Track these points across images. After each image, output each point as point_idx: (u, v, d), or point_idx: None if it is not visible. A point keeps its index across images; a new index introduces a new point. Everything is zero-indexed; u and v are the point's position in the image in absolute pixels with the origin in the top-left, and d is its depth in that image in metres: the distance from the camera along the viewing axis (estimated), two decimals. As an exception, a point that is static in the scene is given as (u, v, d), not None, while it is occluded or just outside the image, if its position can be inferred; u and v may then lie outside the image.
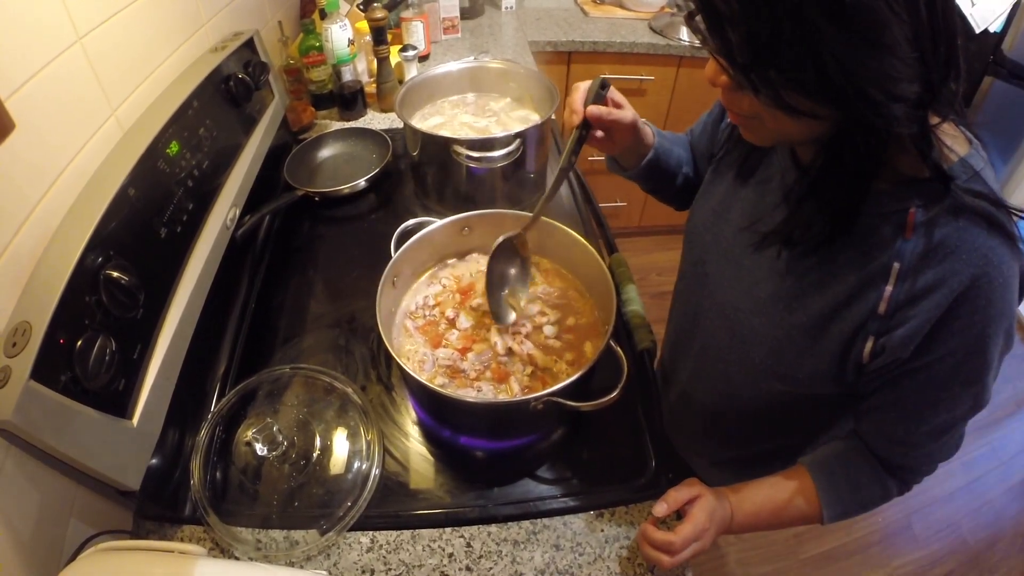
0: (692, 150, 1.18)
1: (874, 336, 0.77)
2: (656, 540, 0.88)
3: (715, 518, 0.90)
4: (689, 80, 2.78)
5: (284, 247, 1.54)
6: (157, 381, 0.93)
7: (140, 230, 0.96)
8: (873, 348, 0.78)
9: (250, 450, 1.03)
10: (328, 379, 1.13)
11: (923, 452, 0.86)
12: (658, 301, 3.23)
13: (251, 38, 1.50)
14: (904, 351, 0.75)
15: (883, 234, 0.74)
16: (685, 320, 1.13)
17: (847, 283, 0.79)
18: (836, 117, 0.66)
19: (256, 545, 0.95)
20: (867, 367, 0.80)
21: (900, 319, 0.75)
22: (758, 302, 0.91)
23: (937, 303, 0.72)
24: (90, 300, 0.82)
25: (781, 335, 0.88)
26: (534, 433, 1.11)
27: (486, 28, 2.71)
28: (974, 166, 0.71)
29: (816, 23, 0.56)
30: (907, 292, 0.73)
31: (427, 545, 0.97)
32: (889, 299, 0.75)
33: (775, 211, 0.87)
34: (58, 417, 0.75)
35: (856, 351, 0.80)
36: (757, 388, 0.98)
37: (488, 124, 1.64)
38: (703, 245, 1.04)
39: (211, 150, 1.22)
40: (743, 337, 0.95)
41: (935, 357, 0.75)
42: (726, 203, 0.98)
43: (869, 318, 0.77)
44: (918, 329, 0.73)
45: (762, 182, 0.92)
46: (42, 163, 0.89)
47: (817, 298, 0.82)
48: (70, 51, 0.96)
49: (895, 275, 0.74)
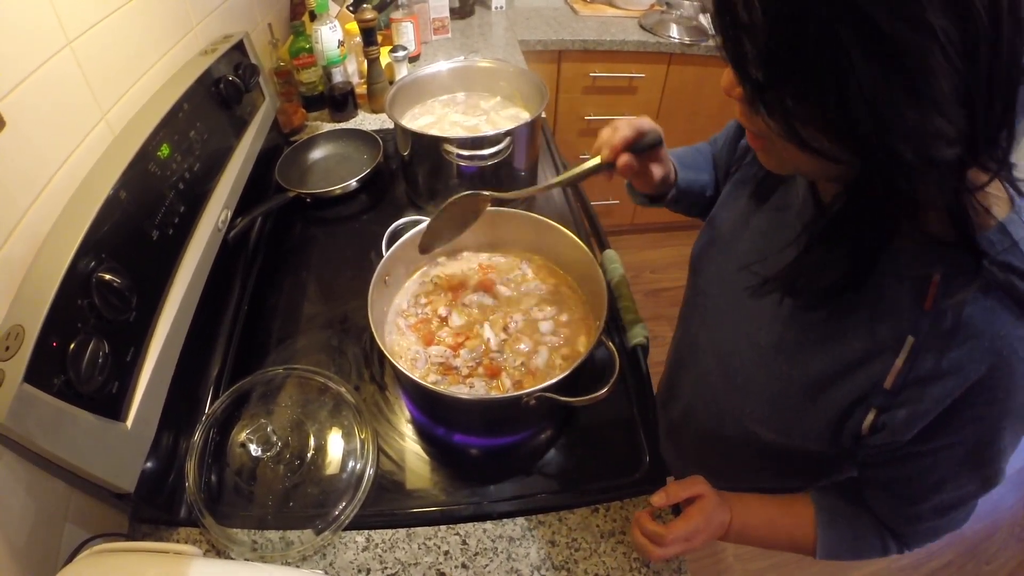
0: (715, 163, 1.10)
1: (876, 410, 0.71)
2: (647, 530, 0.87)
3: (712, 522, 0.88)
4: (680, 77, 2.80)
5: (276, 249, 1.54)
6: (151, 384, 0.93)
7: (132, 233, 0.96)
8: (874, 422, 0.72)
9: (245, 451, 1.03)
10: (322, 379, 1.13)
11: (928, 526, 0.82)
12: (651, 299, 3.25)
13: (241, 40, 1.50)
14: (905, 434, 0.70)
15: (900, 299, 0.67)
16: (683, 348, 1.09)
17: (853, 347, 0.72)
18: (857, 163, 0.56)
19: (252, 546, 0.95)
20: (865, 440, 0.75)
21: (906, 398, 0.68)
22: (756, 349, 0.85)
23: (949, 390, 0.65)
24: (82, 303, 0.82)
25: (777, 389, 0.83)
26: (528, 429, 1.12)
27: (476, 28, 2.72)
28: (1013, 234, 0.61)
29: (848, 51, 0.47)
30: (918, 371, 0.67)
31: (423, 543, 0.97)
32: (898, 375, 0.68)
33: (783, 251, 0.78)
34: (52, 420, 0.75)
35: (855, 421, 0.74)
36: (748, 435, 0.92)
37: (478, 123, 1.64)
38: (706, 275, 0.98)
39: (202, 153, 1.22)
40: (737, 384, 0.91)
41: (942, 444, 0.70)
42: (735, 230, 0.92)
43: (873, 390, 0.71)
44: (924, 414, 0.68)
45: (777, 209, 0.85)
46: (32, 168, 0.89)
47: (819, 357, 0.76)
48: (60, 55, 0.96)
49: (908, 349, 0.67)
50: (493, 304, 1.18)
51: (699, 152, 1.12)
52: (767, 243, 0.84)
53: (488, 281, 1.21)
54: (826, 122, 0.53)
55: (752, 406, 0.88)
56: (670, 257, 3.47)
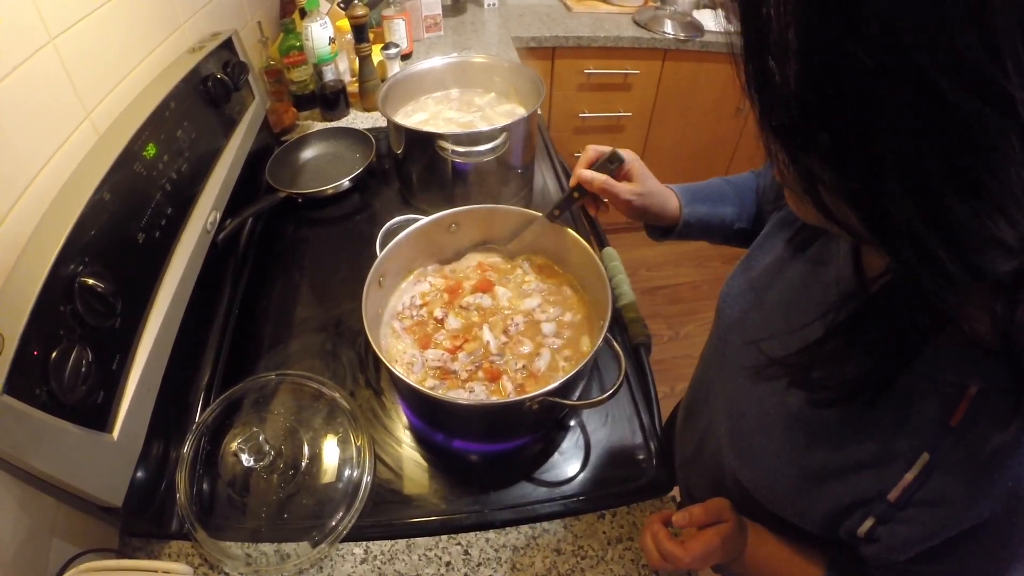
0: (759, 193, 1.02)
1: (875, 519, 0.64)
2: (664, 549, 0.83)
3: (727, 550, 0.83)
4: (674, 73, 2.78)
5: (267, 251, 1.51)
6: (138, 392, 0.89)
7: (117, 236, 0.93)
8: (870, 531, 0.65)
9: (237, 461, 0.99)
10: (316, 385, 1.10)
11: None
12: (648, 297, 3.23)
13: (229, 38, 1.47)
14: (901, 554, 0.64)
15: (925, 408, 0.59)
16: (700, 389, 1.03)
17: (865, 447, 0.64)
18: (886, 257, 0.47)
19: (246, 560, 0.92)
20: (860, 544, 0.68)
21: (908, 517, 0.62)
22: (766, 417, 0.78)
23: (956, 521, 0.58)
24: (65, 309, 0.79)
25: (778, 465, 0.76)
26: (530, 434, 1.09)
27: (469, 25, 2.69)
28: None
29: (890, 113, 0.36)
30: (927, 493, 0.59)
31: (423, 554, 0.94)
32: (904, 489, 0.61)
33: (806, 328, 0.70)
34: (34, 432, 0.71)
35: (852, 521, 0.67)
36: (747, 497, 0.85)
37: (473, 119, 1.61)
38: (730, 322, 0.90)
39: (190, 153, 1.19)
40: (739, 449, 0.85)
41: (942, 569, 0.63)
42: (767, 277, 0.83)
43: (876, 498, 0.64)
44: (923, 539, 0.61)
45: (815, 263, 0.74)
46: (13, 169, 0.86)
47: (827, 445, 0.69)
48: (42, 52, 0.93)
49: (920, 466, 0.59)
50: (492, 306, 1.15)
51: (729, 183, 1.07)
52: (792, 310, 0.76)
53: (487, 282, 1.18)
54: (853, 197, 0.42)
55: (751, 474, 0.82)
56: (666, 255, 3.45)
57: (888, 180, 0.38)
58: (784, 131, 0.44)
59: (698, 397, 1.04)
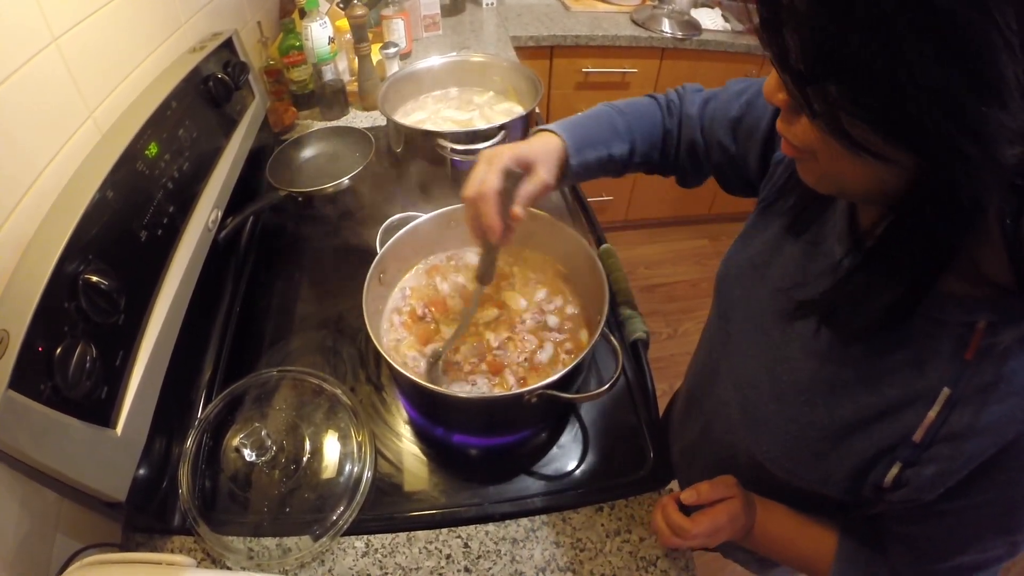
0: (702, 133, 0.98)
1: (901, 464, 0.66)
2: (672, 520, 0.86)
3: (735, 525, 0.85)
4: (672, 72, 2.79)
5: (268, 249, 1.52)
6: (141, 388, 0.90)
7: (119, 234, 0.94)
8: (897, 477, 0.66)
9: (239, 456, 1.00)
10: (317, 381, 1.11)
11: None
12: (647, 295, 3.24)
13: (230, 38, 1.48)
14: (929, 494, 0.65)
15: (940, 347, 0.62)
16: (703, 373, 1.03)
17: (886, 395, 0.66)
18: (909, 166, 0.50)
19: (248, 554, 0.93)
20: (886, 494, 0.69)
21: (934, 454, 0.63)
22: (778, 385, 0.79)
23: (982, 449, 0.60)
24: (69, 306, 0.80)
25: (796, 430, 0.76)
26: (529, 428, 1.10)
27: (467, 25, 2.69)
28: None
29: (900, 32, 0.42)
30: (952, 426, 0.61)
31: (424, 547, 0.95)
32: (929, 428, 0.63)
33: (819, 278, 0.73)
34: (38, 428, 0.72)
35: (877, 473, 0.68)
36: (761, 472, 0.85)
37: (471, 117, 1.63)
38: (731, 300, 0.91)
39: (191, 152, 1.20)
40: (753, 421, 0.85)
41: (969, 504, 0.65)
42: (766, 256, 0.84)
43: (901, 443, 0.65)
44: (952, 473, 0.62)
45: (812, 243, 0.77)
46: (17, 168, 0.87)
47: (847, 401, 0.70)
48: (45, 52, 0.94)
49: (942, 402, 0.61)
50: (497, 316, 1.16)
51: (621, 115, 1.00)
52: (803, 269, 0.77)
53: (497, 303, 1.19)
54: (878, 117, 0.46)
55: (768, 445, 0.82)
56: (664, 253, 3.46)
57: (908, 88, 0.43)
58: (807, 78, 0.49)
59: (701, 382, 1.04)
